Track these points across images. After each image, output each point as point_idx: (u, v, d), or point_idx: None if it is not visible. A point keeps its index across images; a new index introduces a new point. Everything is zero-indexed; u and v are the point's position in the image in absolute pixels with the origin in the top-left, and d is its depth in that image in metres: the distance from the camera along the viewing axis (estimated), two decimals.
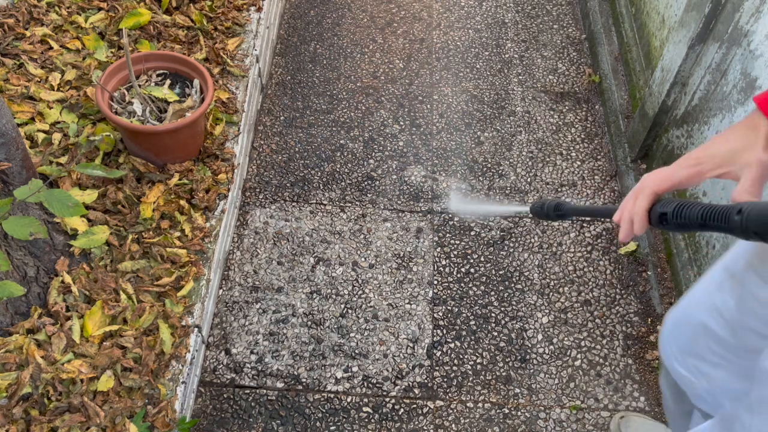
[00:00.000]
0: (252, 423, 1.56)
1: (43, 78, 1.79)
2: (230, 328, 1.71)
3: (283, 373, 1.64)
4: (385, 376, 1.65)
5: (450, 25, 2.52)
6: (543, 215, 0.95)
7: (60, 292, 1.44)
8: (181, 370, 1.43)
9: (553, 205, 0.93)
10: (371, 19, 2.52)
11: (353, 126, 2.16)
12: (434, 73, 2.34)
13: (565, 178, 2.06)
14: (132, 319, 1.44)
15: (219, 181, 1.72)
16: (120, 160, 1.68)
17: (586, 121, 2.22)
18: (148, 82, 1.71)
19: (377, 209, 1.96)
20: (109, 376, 1.35)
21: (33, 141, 1.66)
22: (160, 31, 1.94)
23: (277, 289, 1.78)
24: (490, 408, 1.62)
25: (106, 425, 1.31)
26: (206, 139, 1.77)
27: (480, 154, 2.11)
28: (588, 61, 2.41)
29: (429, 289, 1.81)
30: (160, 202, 1.62)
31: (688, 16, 1.68)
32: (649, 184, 0.75)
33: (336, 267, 1.83)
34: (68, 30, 1.90)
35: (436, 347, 1.71)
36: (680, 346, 1.00)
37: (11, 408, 1.28)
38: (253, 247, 1.86)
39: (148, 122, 1.62)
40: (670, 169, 0.75)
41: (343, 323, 1.73)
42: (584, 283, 1.83)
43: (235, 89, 1.94)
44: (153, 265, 1.54)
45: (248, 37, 2.07)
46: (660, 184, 0.75)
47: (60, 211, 1.28)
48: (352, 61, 2.36)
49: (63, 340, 1.37)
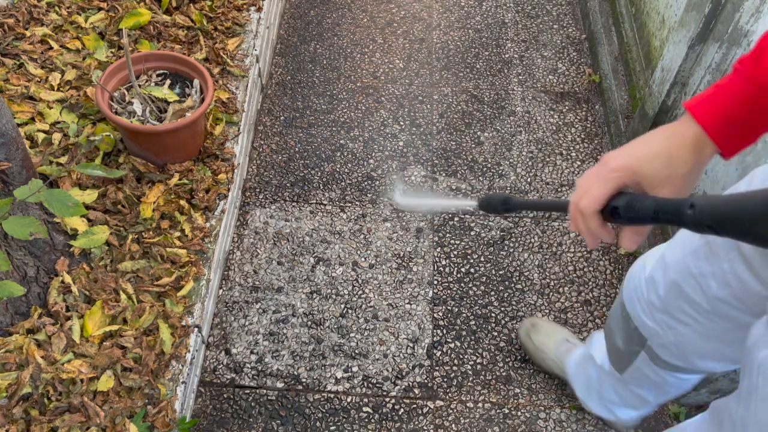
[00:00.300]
0: (252, 423, 1.56)
1: (43, 78, 1.79)
2: (230, 328, 1.71)
3: (283, 373, 1.64)
4: (385, 376, 1.65)
5: (450, 25, 2.52)
6: (491, 209, 0.94)
7: (60, 292, 1.44)
8: (181, 370, 1.43)
9: (501, 198, 0.92)
10: (371, 19, 2.52)
11: (353, 126, 2.17)
12: (434, 73, 2.34)
13: (565, 178, 2.06)
14: (132, 319, 1.44)
15: (219, 181, 1.72)
16: (120, 160, 1.68)
17: (586, 121, 2.22)
18: (148, 82, 1.71)
19: (377, 209, 1.96)
20: (109, 376, 1.35)
21: (33, 141, 1.66)
22: (160, 31, 1.94)
23: (277, 289, 1.78)
24: (490, 408, 1.62)
25: (106, 425, 1.31)
26: (206, 139, 1.78)
27: (480, 154, 2.11)
28: (588, 61, 2.41)
29: (429, 289, 1.81)
30: (160, 202, 1.62)
31: (688, 16, 1.68)
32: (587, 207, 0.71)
33: (336, 267, 1.83)
34: (68, 30, 1.90)
35: (436, 347, 1.71)
36: (649, 300, 0.99)
37: (11, 408, 1.28)
38: (253, 247, 1.86)
39: (148, 122, 1.62)
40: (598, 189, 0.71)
41: (343, 323, 1.73)
42: (584, 283, 1.83)
43: (235, 89, 1.94)
44: (153, 265, 1.54)
45: (248, 37, 2.07)
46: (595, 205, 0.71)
47: (60, 211, 1.28)
48: (352, 61, 2.37)
49: (63, 340, 1.37)
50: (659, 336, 1.01)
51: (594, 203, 0.70)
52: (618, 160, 0.69)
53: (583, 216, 0.72)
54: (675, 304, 0.94)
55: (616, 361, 1.22)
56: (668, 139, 0.68)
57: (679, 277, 0.92)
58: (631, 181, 0.69)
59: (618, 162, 0.69)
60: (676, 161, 0.67)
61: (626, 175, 0.69)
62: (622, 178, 0.69)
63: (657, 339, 1.02)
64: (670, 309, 0.96)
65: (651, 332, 1.02)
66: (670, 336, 0.98)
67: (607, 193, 0.69)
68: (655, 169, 0.67)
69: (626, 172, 0.68)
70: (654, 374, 1.12)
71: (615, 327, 1.16)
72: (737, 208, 0.54)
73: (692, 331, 0.93)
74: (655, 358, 1.07)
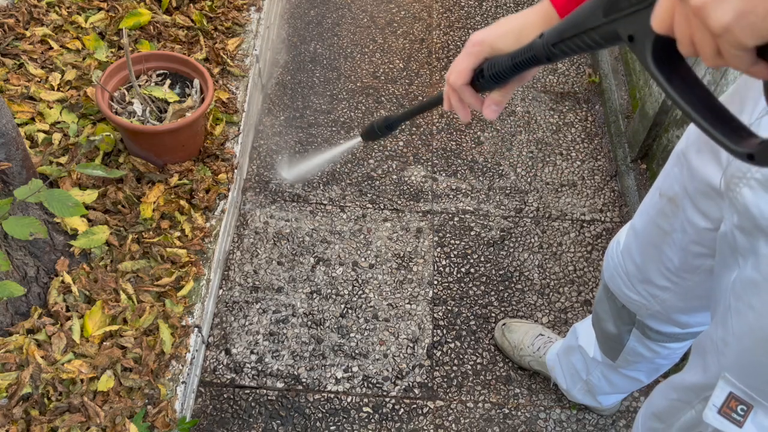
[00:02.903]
0: (252, 423, 1.56)
1: (43, 78, 1.79)
2: (230, 328, 1.71)
3: (283, 373, 1.64)
4: (385, 376, 1.65)
5: (450, 25, 2.52)
6: (375, 135, 0.97)
7: (60, 292, 1.44)
8: (181, 370, 1.43)
9: (381, 120, 0.95)
10: (371, 19, 2.52)
11: (353, 126, 2.17)
12: (434, 73, 2.34)
13: (565, 178, 2.06)
14: (132, 319, 1.44)
15: (219, 181, 1.72)
16: (120, 160, 1.68)
17: (586, 121, 2.22)
18: (148, 82, 1.71)
19: (377, 209, 1.96)
20: (109, 376, 1.35)
21: (33, 141, 1.66)
22: (160, 31, 1.94)
23: (277, 289, 1.78)
24: (490, 408, 1.62)
25: (106, 425, 1.31)
26: (206, 139, 1.78)
27: (480, 154, 2.11)
28: (588, 61, 2.41)
29: (429, 289, 1.81)
30: (160, 202, 1.62)
31: None
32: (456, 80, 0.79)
33: (336, 267, 1.83)
34: (68, 30, 1.90)
35: (436, 347, 1.71)
36: (628, 271, 1.07)
37: (11, 408, 1.28)
38: (253, 247, 1.86)
39: (148, 122, 1.62)
40: (463, 62, 0.78)
41: (343, 323, 1.73)
42: (584, 283, 1.83)
43: (235, 89, 1.94)
44: (153, 265, 1.54)
45: (248, 37, 2.07)
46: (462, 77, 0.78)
47: (60, 211, 1.28)
48: (352, 61, 2.37)
49: (63, 340, 1.37)
50: (646, 307, 1.07)
51: (461, 76, 0.78)
52: (478, 36, 0.77)
53: (455, 90, 0.80)
54: (652, 268, 1.01)
55: (607, 349, 1.27)
56: (523, 16, 0.76)
57: (651, 239, 0.99)
58: (489, 55, 0.76)
59: (478, 37, 0.77)
60: (525, 36, 0.73)
61: (484, 49, 0.76)
62: (482, 52, 0.76)
63: (645, 311, 1.08)
64: (649, 275, 1.02)
65: (637, 306, 1.09)
66: (655, 305, 1.05)
67: (470, 65, 0.77)
68: (507, 44, 0.74)
69: (484, 47, 0.76)
70: (647, 350, 1.18)
71: (602, 312, 1.21)
72: (572, 17, 0.60)
73: (673, 294, 1.01)
74: (647, 331, 1.13)
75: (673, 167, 0.94)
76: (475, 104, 0.80)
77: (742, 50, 0.44)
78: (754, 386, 0.79)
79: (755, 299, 0.76)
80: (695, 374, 0.94)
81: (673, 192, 0.93)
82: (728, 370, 0.82)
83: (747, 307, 0.77)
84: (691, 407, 0.95)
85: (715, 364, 0.85)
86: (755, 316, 0.76)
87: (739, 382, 0.81)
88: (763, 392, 0.79)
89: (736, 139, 0.50)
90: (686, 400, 0.97)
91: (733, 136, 0.50)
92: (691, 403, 0.95)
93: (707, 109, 0.51)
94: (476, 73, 0.77)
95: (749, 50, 0.44)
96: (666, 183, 0.95)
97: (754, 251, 0.74)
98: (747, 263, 0.76)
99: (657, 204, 0.98)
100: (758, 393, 0.79)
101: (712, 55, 0.47)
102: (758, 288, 0.75)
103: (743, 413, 0.80)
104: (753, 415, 0.80)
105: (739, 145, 0.49)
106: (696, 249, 0.92)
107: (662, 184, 0.97)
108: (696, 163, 0.86)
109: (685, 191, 0.89)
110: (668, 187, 0.94)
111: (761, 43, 0.43)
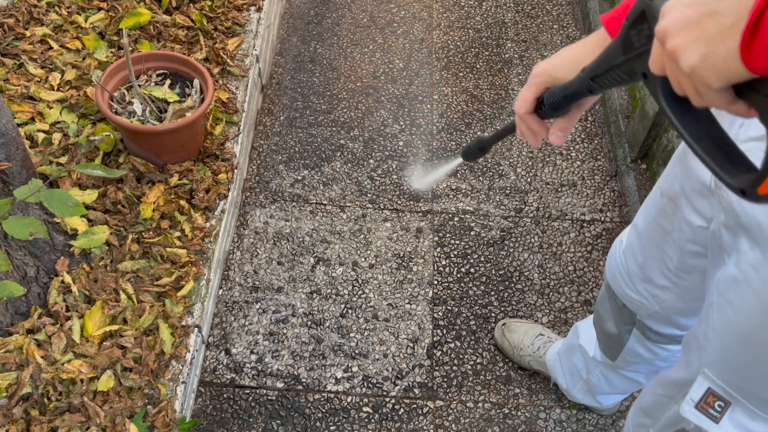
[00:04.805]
0: (252, 423, 1.56)
1: (43, 78, 1.79)
2: (230, 328, 1.71)
3: (283, 373, 1.64)
4: (385, 376, 1.65)
5: (450, 25, 2.52)
6: (472, 156, 1.03)
7: (60, 292, 1.44)
8: (181, 370, 1.43)
9: (475, 143, 1.01)
10: (371, 19, 2.52)
11: (353, 126, 2.17)
12: (434, 73, 2.34)
13: (565, 178, 2.06)
14: (132, 319, 1.44)
15: (219, 181, 1.72)
16: (120, 160, 1.68)
17: (586, 120, 2.22)
18: (148, 82, 1.71)
19: (377, 209, 1.96)
20: (109, 376, 1.35)
21: (33, 141, 1.66)
22: (160, 31, 1.94)
23: (277, 289, 1.78)
24: (490, 408, 1.62)
25: (106, 425, 1.31)
26: (206, 139, 1.78)
27: None
28: None
29: (429, 289, 1.81)
30: (160, 202, 1.62)
31: None
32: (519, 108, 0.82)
33: (336, 267, 1.83)
34: (68, 30, 1.90)
35: (436, 347, 1.71)
36: (630, 270, 1.08)
37: (11, 408, 1.28)
38: (253, 247, 1.86)
39: (148, 122, 1.62)
40: (525, 92, 0.81)
41: (343, 323, 1.73)
42: (584, 283, 1.83)
43: (235, 89, 1.94)
44: (153, 265, 1.54)
45: (248, 37, 2.07)
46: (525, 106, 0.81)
47: (60, 211, 1.28)
48: (352, 61, 2.37)
49: (63, 340, 1.37)
50: (646, 307, 1.08)
51: (524, 105, 0.80)
52: (540, 66, 0.79)
53: (521, 118, 0.82)
54: (653, 267, 1.02)
55: (607, 349, 1.28)
56: (582, 46, 0.78)
57: (653, 238, 1.01)
58: (550, 84, 0.78)
59: (540, 68, 0.79)
60: (583, 64, 0.74)
61: (545, 79, 0.78)
62: (543, 82, 0.78)
63: (645, 311, 1.09)
64: (650, 274, 1.03)
65: (638, 305, 1.09)
66: (655, 305, 1.06)
67: (532, 95, 0.79)
68: (566, 73, 0.76)
69: (544, 77, 0.78)
70: (646, 351, 1.18)
71: (603, 312, 1.22)
72: (603, 54, 0.64)
73: (672, 295, 1.02)
74: (646, 332, 1.14)
75: (675, 167, 0.95)
76: (540, 131, 0.82)
77: (712, 91, 0.47)
78: (733, 383, 0.81)
79: (735, 295, 0.77)
80: (679, 369, 0.95)
81: (673, 191, 0.94)
82: (708, 366, 0.83)
83: (727, 304, 0.79)
84: (674, 402, 0.96)
85: (697, 359, 0.87)
86: (734, 312, 0.78)
87: (717, 378, 0.82)
88: (741, 390, 0.80)
89: (733, 174, 0.52)
90: (670, 395, 0.98)
91: (732, 171, 0.52)
92: (674, 398, 0.96)
93: (712, 142, 0.54)
94: (539, 101, 0.80)
95: (722, 90, 0.47)
96: (667, 182, 0.96)
97: (737, 248, 0.76)
98: (730, 260, 0.78)
99: (658, 203, 0.99)
100: (736, 390, 0.80)
101: (693, 95, 0.49)
102: (738, 284, 0.76)
103: (720, 409, 0.82)
104: (730, 411, 0.81)
105: (735, 180, 0.51)
106: (692, 248, 0.93)
107: (663, 184, 0.98)
108: (693, 161, 0.87)
109: (683, 190, 0.91)
110: (669, 186, 0.95)
111: (725, 84, 0.46)
